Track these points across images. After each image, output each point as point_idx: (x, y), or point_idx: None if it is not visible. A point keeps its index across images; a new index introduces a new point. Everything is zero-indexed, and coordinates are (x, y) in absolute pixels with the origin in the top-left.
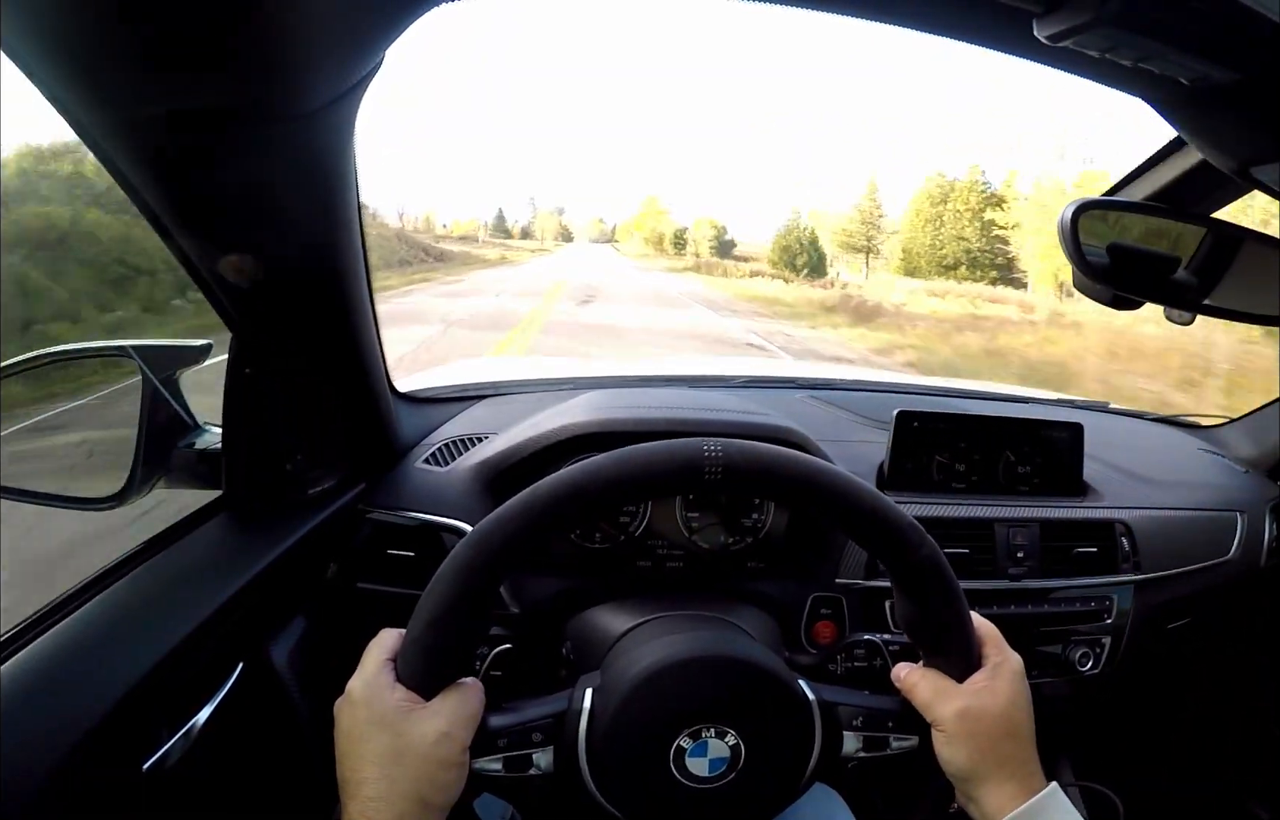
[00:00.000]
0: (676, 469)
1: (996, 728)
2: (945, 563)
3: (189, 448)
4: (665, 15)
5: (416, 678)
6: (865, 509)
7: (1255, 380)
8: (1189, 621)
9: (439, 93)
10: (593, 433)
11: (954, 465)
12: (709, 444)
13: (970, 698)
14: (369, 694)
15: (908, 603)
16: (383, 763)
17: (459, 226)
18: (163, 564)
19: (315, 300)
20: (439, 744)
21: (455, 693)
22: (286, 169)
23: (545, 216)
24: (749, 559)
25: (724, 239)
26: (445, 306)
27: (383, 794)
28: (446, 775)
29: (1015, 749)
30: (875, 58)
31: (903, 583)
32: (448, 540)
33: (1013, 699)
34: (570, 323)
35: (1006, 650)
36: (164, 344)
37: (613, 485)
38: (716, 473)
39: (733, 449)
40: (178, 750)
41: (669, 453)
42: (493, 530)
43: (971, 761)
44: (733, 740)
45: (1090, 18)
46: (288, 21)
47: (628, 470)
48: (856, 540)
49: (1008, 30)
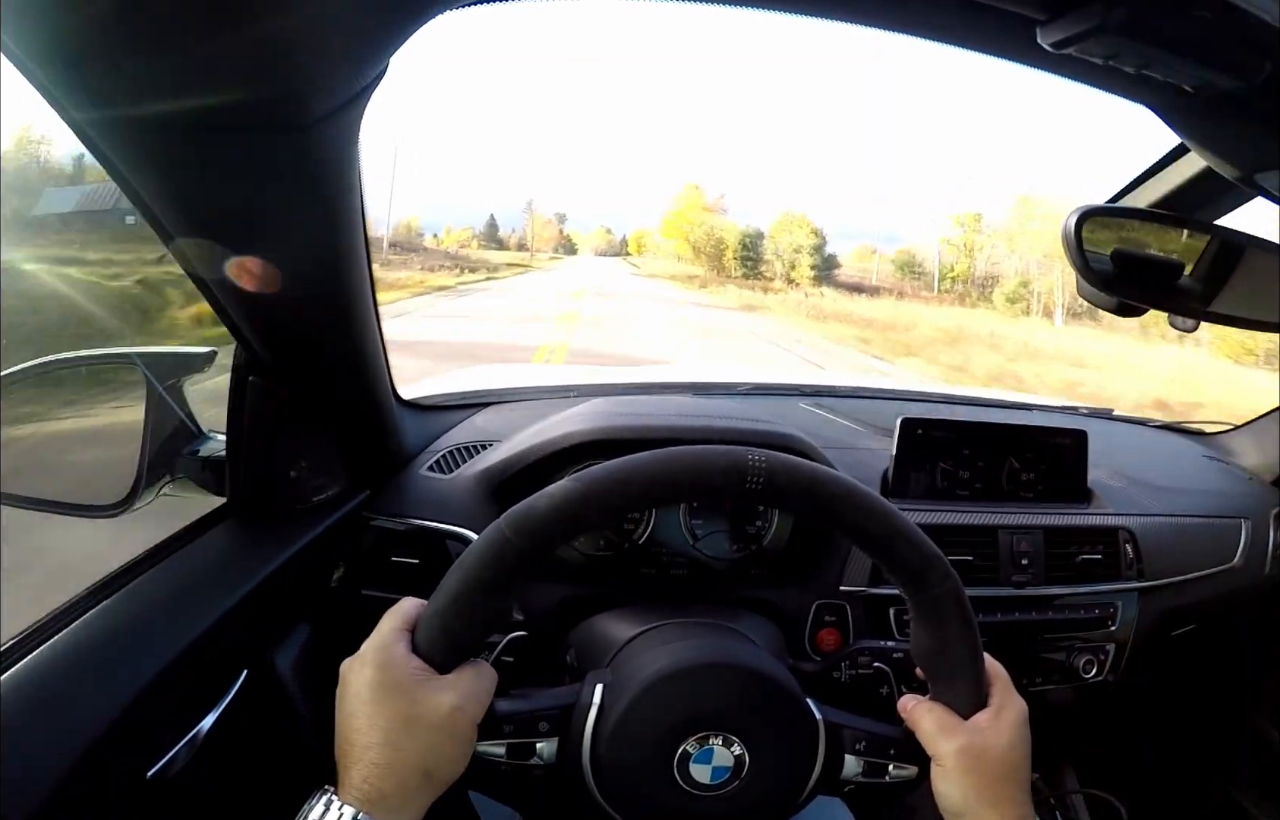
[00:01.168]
0: (719, 475)
1: (995, 768)
2: (966, 600)
3: (193, 455)
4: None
5: (434, 650)
6: (895, 535)
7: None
8: (1193, 628)
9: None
10: (597, 440)
11: (958, 472)
12: (754, 454)
13: (973, 736)
14: (384, 658)
15: (924, 633)
16: (391, 728)
17: (452, 235)
18: (166, 571)
19: (319, 308)
20: (451, 716)
21: (469, 669)
22: (291, 176)
23: (542, 223)
24: (753, 567)
25: (825, 252)
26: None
27: (388, 761)
28: (454, 748)
29: (1011, 791)
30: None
31: (922, 613)
32: (452, 547)
33: (1014, 743)
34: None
35: (1013, 694)
36: (169, 351)
37: (655, 483)
38: (759, 483)
39: (776, 461)
40: (182, 758)
41: (714, 457)
42: (528, 514)
43: (966, 799)
44: (738, 750)
45: (1094, 25)
46: (293, 29)
47: (671, 470)
48: (882, 564)
49: (1011, 38)
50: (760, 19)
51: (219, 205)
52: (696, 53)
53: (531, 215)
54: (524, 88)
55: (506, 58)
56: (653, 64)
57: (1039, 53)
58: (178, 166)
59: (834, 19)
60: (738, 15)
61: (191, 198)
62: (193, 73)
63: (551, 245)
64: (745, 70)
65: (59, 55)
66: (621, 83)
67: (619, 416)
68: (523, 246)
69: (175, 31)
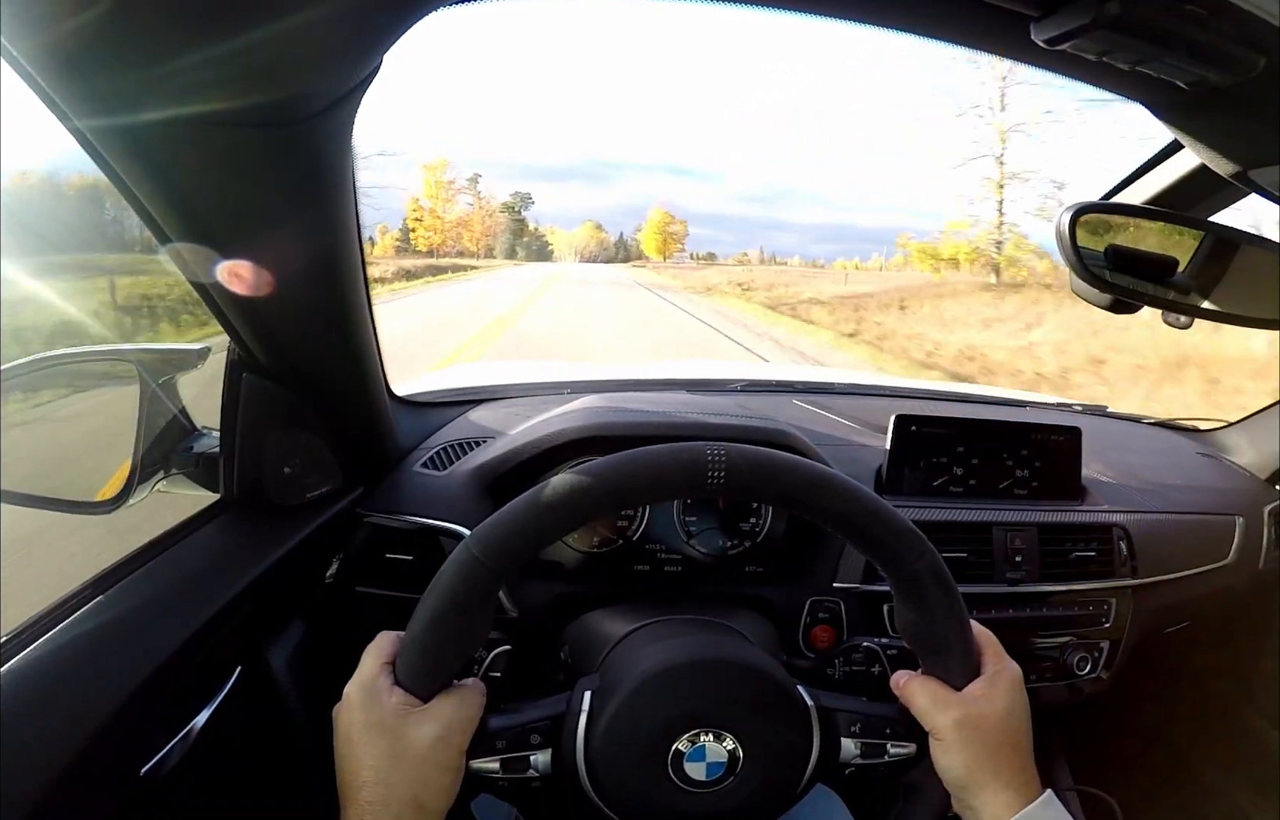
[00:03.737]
0: (679, 472)
1: (994, 737)
2: (945, 570)
3: (187, 451)
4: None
5: (414, 680)
6: (866, 515)
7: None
8: (1187, 625)
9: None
10: (590, 437)
11: (952, 469)
12: (712, 448)
13: (968, 706)
14: (365, 697)
15: (907, 610)
16: (379, 766)
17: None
18: (161, 567)
19: (313, 304)
20: (435, 747)
21: (453, 695)
22: (285, 172)
23: (483, 215)
24: (747, 563)
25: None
26: None
27: (379, 798)
28: (442, 779)
29: (1012, 758)
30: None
31: (902, 590)
32: (446, 544)
33: (1011, 708)
34: None
35: (1005, 659)
36: (162, 348)
37: (615, 488)
38: (719, 477)
39: (734, 453)
40: (176, 755)
41: (672, 456)
42: (493, 531)
43: (969, 770)
44: (731, 745)
45: (1088, 21)
46: (287, 28)
47: (631, 472)
48: (856, 546)
49: (1005, 34)
50: (760, 20)
51: (213, 202)
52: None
53: (479, 201)
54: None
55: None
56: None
57: (1033, 49)
58: (172, 165)
59: (829, 17)
60: (737, 16)
61: (185, 195)
62: (187, 72)
63: (481, 247)
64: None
65: (54, 57)
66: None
67: (611, 413)
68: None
69: (170, 31)
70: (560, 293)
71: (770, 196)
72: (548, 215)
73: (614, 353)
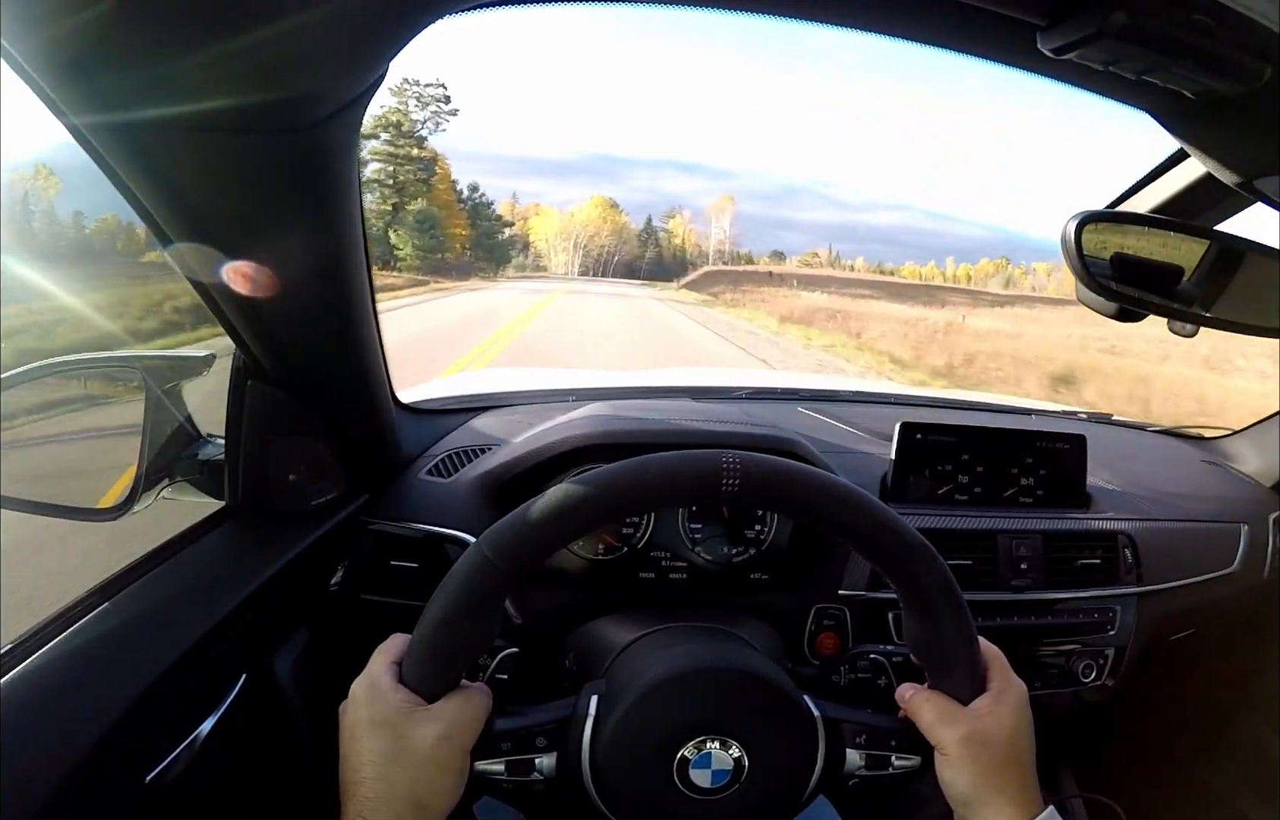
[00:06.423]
0: (694, 479)
1: (999, 753)
2: (955, 585)
3: (192, 458)
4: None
5: (420, 680)
6: (878, 527)
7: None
8: (1192, 633)
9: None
10: (596, 444)
11: (957, 477)
12: (728, 455)
13: (975, 723)
14: (371, 694)
15: (916, 624)
16: (381, 764)
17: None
18: (165, 575)
19: (318, 311)
20: (437, 746)
21: (458, 696)
22: (290, 179)
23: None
24: (752, 571)
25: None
26: None
27: (380, 795)
28: (444, 779)
29: (1016, 774)
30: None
31: (912, 604)
32: (451, 551)
33: (1016, 726)
34: None
35: (1011, 676)
36: (167, 355)
37: (629, 493)
38: (734, 484)
39: (750, 462)
40: (181, 762)
41: (688, 463)
42: (506, 533)
43: (973, 786)
44: (736, 752)
45: (1094, 30)
46: (294, 34)
47: (645, 479)
48: (868, 557)
49: (1011, 43)
50: (758, 22)
51: (217, 208)
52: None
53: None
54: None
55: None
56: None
57: (1039, 58)
58: (177, 170)
59: (836, 25)
60: (736, 18)
61: (190, 201)
62: (192, 76)
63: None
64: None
65: (57, 59)
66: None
67: (617, 421)
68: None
69: (175, 35)
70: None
71: (777, 194)
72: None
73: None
